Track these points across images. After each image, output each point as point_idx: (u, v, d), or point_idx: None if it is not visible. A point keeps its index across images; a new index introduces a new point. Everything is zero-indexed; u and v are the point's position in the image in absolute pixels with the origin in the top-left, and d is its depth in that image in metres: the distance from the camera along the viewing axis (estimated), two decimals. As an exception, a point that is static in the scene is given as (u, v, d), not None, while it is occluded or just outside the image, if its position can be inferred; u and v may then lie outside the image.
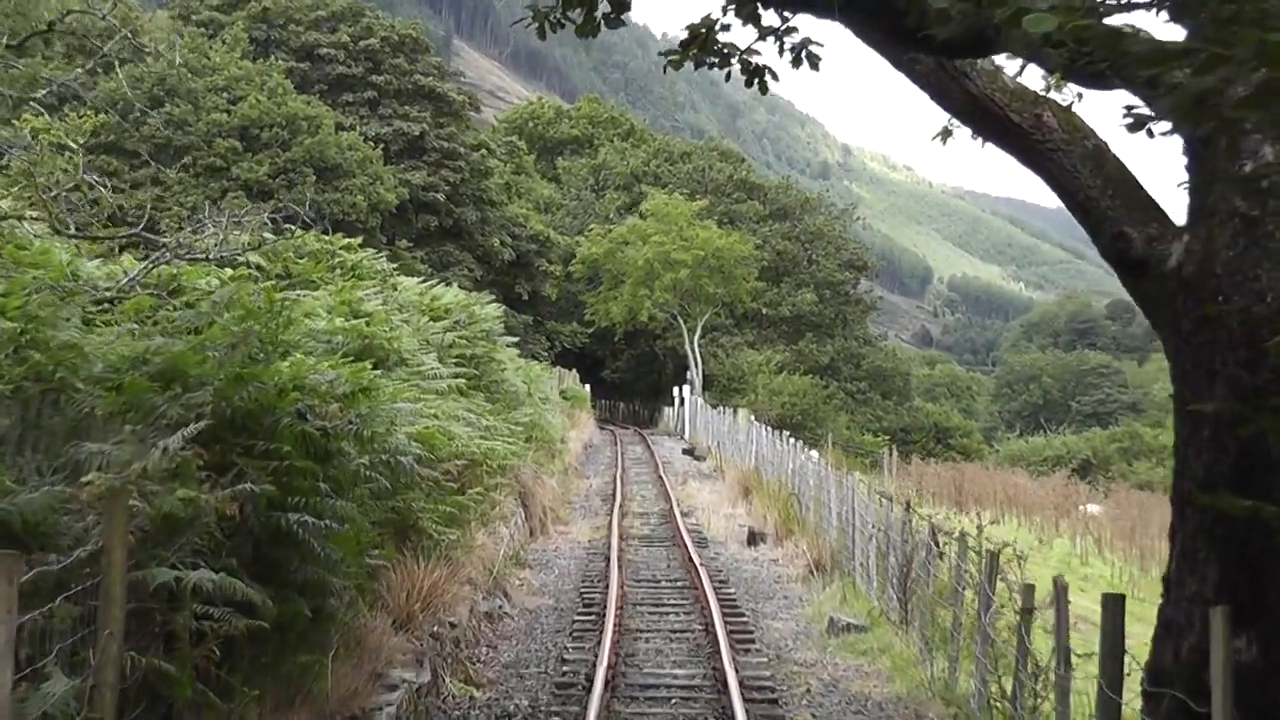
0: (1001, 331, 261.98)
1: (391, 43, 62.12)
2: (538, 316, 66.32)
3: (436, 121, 61.76)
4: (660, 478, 33.30)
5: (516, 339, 27.84)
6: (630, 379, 76.76)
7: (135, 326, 9.17)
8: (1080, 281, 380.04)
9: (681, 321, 63.45)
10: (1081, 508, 37.83)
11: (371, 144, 55.52)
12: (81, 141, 13.04)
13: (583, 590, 16.80)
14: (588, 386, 63.49)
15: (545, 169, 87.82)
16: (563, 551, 20.77)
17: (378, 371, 12.67)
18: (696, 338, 63.24)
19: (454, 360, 17.60)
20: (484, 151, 64.82)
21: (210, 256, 11.82)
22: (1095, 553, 29.17)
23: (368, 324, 14.09)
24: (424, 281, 21.78)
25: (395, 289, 18.59)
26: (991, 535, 13.32)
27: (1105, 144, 7.09)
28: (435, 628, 11.47)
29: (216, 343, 8.37)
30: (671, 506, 26.54)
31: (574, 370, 63.71)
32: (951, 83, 7.27)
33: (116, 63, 46.55)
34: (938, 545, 12.75)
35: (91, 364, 8.08)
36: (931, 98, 7.48)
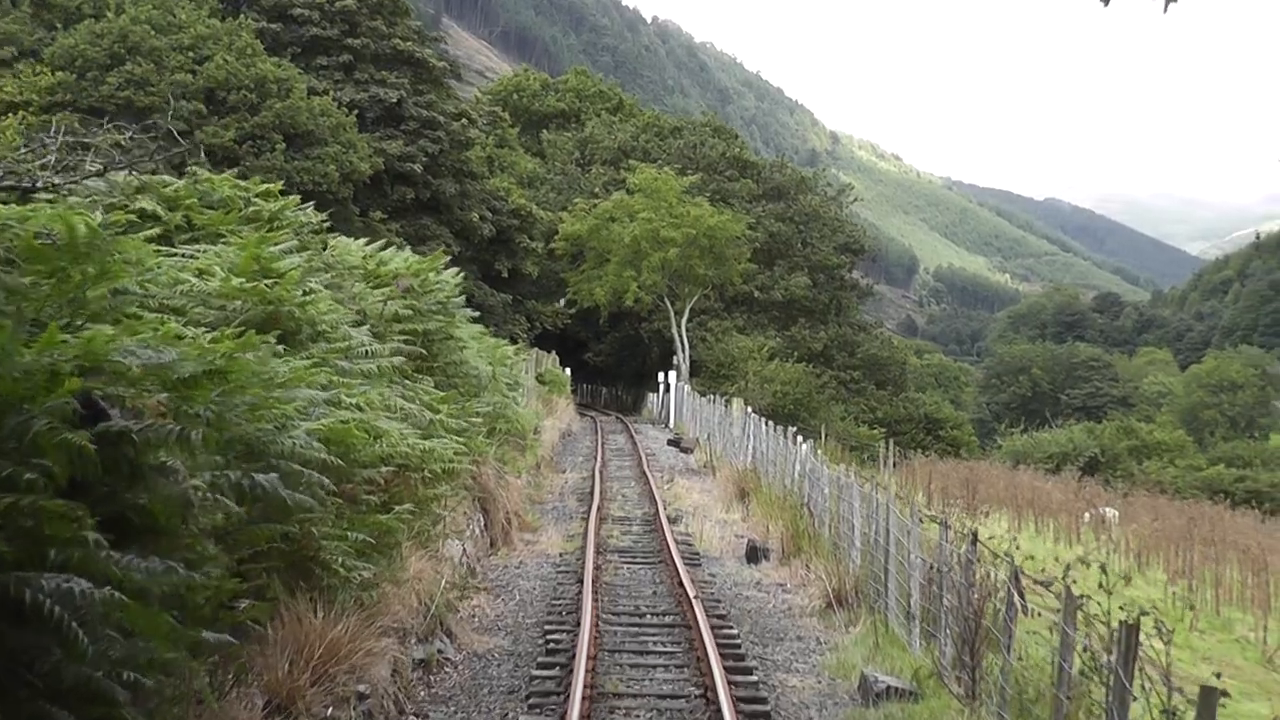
0: (987, 322, 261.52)
1: (369, 4, 58.49)
2: (518, 295, 62.95)
3: (415, 89, 58.18)
4: (644, 473, 30.05)
5: (478, 314, 24.48)
6: (613, 363, 73.79)
7: None
8: (1066, 274, 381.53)
9: (669, 304, 60.26)
10: (1099, 510, 34.94)
11: (345, 110, 51.93)
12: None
13: (547, 628, 13.38)
14: (568, 370, 60.64)
15: (530, 143, 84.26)
16: (527, 569, 17.40)
17: (281, 347, 9.46)
18: (684, 321, 60.11)
19: (400, 337, 14.32)
20: (465, 121, 61.30)
21: (37, 184, 8.46)
22: (1135, 569, 25.98)
23: (273, 286, 10.83)
24: (371, 243, 18.36)
25: (326, 246, 15.22)
26: (1129, 598, 10.03)
27: None
28: (330, 709, 8.13)
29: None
30: (657, 510, 23.22)
31: (554, 353, 60.81)
32: None
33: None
34: (1021, 596, 9.48)
35: None
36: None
